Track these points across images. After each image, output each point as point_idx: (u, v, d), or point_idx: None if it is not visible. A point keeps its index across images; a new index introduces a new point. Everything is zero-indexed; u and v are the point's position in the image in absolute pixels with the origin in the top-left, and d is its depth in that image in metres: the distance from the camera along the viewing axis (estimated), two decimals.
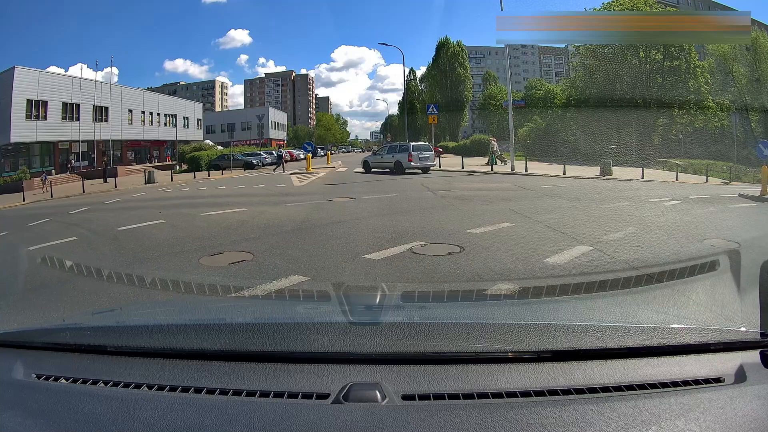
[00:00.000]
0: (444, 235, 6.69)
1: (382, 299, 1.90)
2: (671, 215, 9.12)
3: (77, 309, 4.09)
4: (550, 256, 5.22)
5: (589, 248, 5.64)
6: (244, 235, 7.45)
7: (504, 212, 8.84)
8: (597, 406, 1.05)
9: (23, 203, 20.59)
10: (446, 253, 5.60)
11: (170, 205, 13.00)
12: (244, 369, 1.24)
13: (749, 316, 1.42)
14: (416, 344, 1.32)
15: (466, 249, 5.70)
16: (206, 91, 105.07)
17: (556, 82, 66.06)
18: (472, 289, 4.02)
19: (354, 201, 11.72)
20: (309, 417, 1.03)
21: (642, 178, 20.65)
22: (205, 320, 1.85)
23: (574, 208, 9.77)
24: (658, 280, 3.85)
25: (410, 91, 59.56)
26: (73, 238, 8.31)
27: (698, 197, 13.24)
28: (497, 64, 78.54)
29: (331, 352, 1.31)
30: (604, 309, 2.04)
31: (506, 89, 33.48)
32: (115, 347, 1.40)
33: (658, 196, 12.75)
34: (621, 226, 7.31)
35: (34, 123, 34.19)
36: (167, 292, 3.90)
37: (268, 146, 52.80)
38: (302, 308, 2.17)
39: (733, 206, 11.48)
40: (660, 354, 1.26)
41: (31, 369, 1.30)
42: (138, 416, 1.07)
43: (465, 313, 1.98)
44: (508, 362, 1.24)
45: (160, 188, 21.57)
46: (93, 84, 39.60)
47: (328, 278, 4.68)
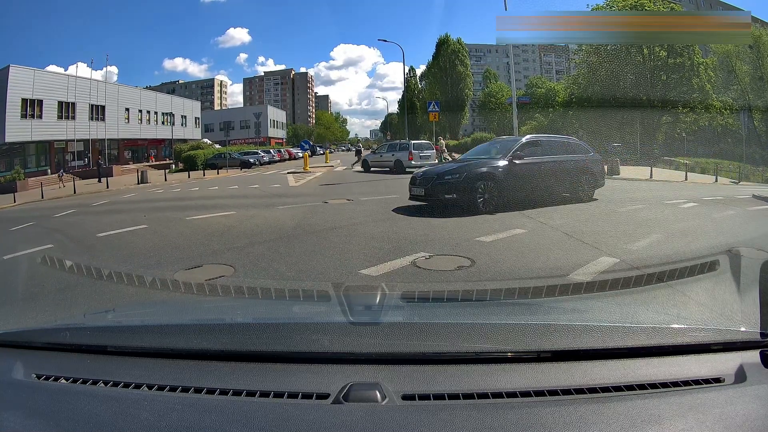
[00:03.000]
0: (450, 245, 6.10)
1: (382, 299, 1.88)
2: (693, 220, 8.61)
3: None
4: (575, 270, 4.69)
5: (615, 260, 5.12)
6: (229, 244, 6.99)
7: (514, 216, 8.29)
8: (597, 406, 1.05)
9: (13, 204, 20.10)
10: (455, 267, 5.03)
11: (157, 208, 12.66)
12: (244, 369, 1.24)
13: (749, 315, 1.42)
14: (416, 344, 1.32)
15: (477, 263, 5.09)
16: (205, 90, 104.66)
17: (557, 80, 65.38)
18: (472, 289, 3.95)
19: (351, 203, 11.21)
20: (309, 417, 1.03)
21: (651, 178, 20.09)
22: (205, 320, 1.85)
23: (588, 211, 9.20)
24: (658, 280, 3.80)
25: (410, 89, 59.07)
26: (49, 245, 7.87)
27: (714, 199, 12.81)
28: (497, 62, 78.07)
29: (331, 352, 1.31)
30: (604, 309, 2.02)
31: (507, 87, 33.03)
32: (115, 347, 1.41)
33: (673, 197, 12.32)
34: (643, 232, 6.80)
35: (29, 122, 33.91)
36: (167, 292, 3.88)
37: (267, 145, 52.25)
38: (302, 308, 2.15)
39: (751, 209, 11.03)
40: (660, 354, 1.25)
41: (31, 369, 1.30)
42: (138, 416, 1.07)
43: (465, 313, 1.98)
44: (508, 362, 1.23)
45: (152, 189, 21.08)
46: (89, 83, 39.15)
47: None
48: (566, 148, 10.53)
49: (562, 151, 10.25)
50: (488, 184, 8.70)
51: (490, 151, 10.31)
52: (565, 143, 10.86)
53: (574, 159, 10.31)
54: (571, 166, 10.07)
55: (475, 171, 8.87)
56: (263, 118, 62.92)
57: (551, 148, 10.15)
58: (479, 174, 8.80)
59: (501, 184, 8.83)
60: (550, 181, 9.51)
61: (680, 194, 13.39)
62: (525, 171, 9.18)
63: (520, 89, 61.53)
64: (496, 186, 8.77)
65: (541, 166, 9.50)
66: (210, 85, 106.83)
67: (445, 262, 5.25)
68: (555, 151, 10.08)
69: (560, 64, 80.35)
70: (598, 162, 11.30)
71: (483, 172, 8.84)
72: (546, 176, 9.46)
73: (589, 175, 10.46)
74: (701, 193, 14.23)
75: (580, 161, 10.40)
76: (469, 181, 8.64)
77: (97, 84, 40.29)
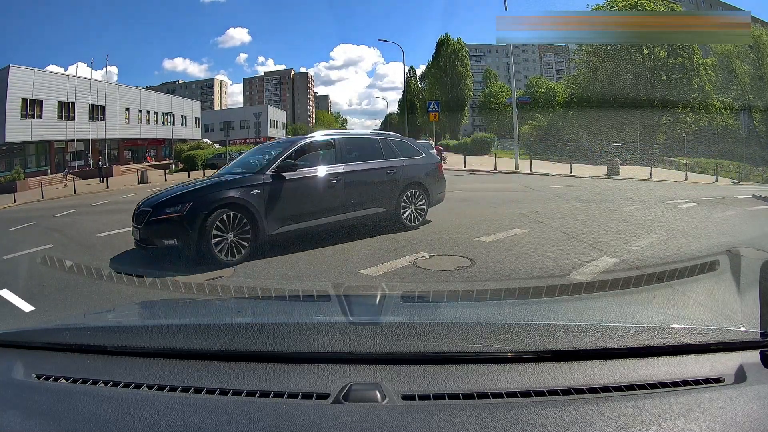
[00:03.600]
0: (450, 245, 6.10)
1: (382, 299, 1.88)
2: (693, 220, 8.60)
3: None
4: (575, 270, 4.73)
5: (615, 260, 5.17)
6: None
7: (514, 216, 8.35)
8: (597, 406, 1.05)
9: (13, 204, 20.11)
10: (455, 267, 5.04)
11: None
12: (244, 369, 1.24)
13: (749, 315, 1.41)
14: (416, 344, 1.32)
15: (477, 263, 5.09)
16: (205, 90, 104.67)
17: (557, 80, 65.38)
18: (472, 289, 3.94)
19: None
20: (309, 417, 1.03)
21: (651, 178, 20.10)
22: (205, 320, 1.84)
23: (589, 211, 9.22)
24: (658, 280, 3.79)
25: (410, 88, 59.17)
26: (49, 245, 7.88)
27: (714, 199, 12.81)
28: (497, 62, 78.09)
29: (331, 352, 1.31)
30: (604, 309, 2.02)
31: (507, 87, 33.04)
32: (115, 347, 1.40)
33: (673, 197, 12.34)
34: (643, 232, 6.83)
35: (29, 122, 33.95)
36: (167, 292, 3.84)
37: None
38: (302, 308, 2.17)
39: (751, 209, 11.04)
40: (660, 354, 1.25)
41: (31, 369, 1.30)
42: (138, 416, 1.07)
43: (465, 313, 1.98)
44: (508, 362, 1.23)
45: (152, 189, 21.00)
46: (89, 83, 39.18)
47: None
48: (376, 151, 7.04)
49: (368, 156, 6.91)
50: (234, 218, 5.49)
51: (254, 162, 6.77)
52: (372, 143, 7.22)
53: (391, 166, 7.01)
54: (384, 178, 6.91)
55: (211, 197, 5.55)
56: (263, 118, 62.95)
57: (349, 152, 6.76)
58: (217, 201, 5.49)
59: (258, 215, 5.62)
60: (345, 202, 6.41)
61: (680, 194, 13.38)
62: (300, 190, 6.08)
63: (520, 89, 61.58)
64: (249, 218, 5.58)
65: (329, 180, 6.31)
66: (210, 85, 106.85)
67: (445, 262, 5.25)
68: (356, 156, 6.78)
69: (560, 64, 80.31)
70: (432, 167, 7.79)
71: (224, 199, 5.53)
72: (337, 196, 6.35)
73: (415, 189, 7.21)
74: (701, 193, 14.23)
75: (400, 169, 7.09)
76: (197, 216, 5.32)
77: (97, 84, 40.35)
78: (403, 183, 7.07)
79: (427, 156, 7.84)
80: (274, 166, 5.98)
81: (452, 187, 14.17)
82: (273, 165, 6.01)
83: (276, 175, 5.92)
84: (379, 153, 7.05)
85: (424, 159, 7.67)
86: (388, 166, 7.00)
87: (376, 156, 6.98)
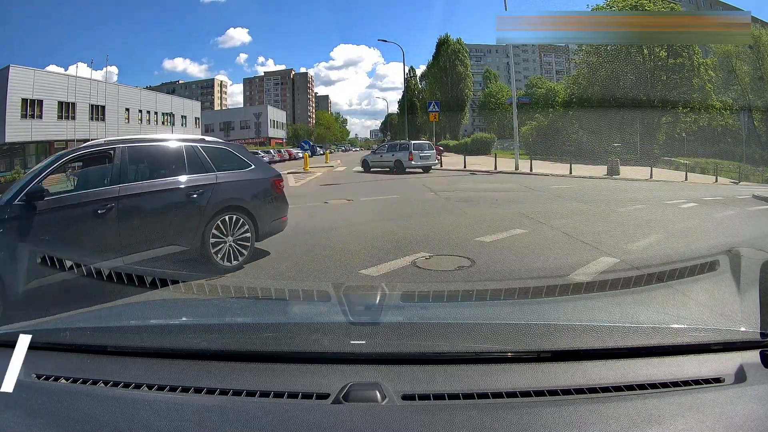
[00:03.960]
0: (450, 245, 6.12)
1: (382, 299, 1.88)
2: (693, 220, 8.61)
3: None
4: (575, 270, 4.75)
5: (615, 260, 5.19)
6: None
7: (515, 217, 8.35)
8: (597, 406, 1.05)
9: None
10: (455, 267, 5.07)
11: None
12: (244, 369, 1.24)
13: (749, 315, 1.41)
14: (416, 344, 1.32)
15: (477, 263, 5.11)
16: (205, 90, 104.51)
17: (557, 80, 65.32)
18: (471, 289, 3.94)
19: (351, 204, 11.24)
20: (309, 417, 1.03)
21: (651, 178, 20.10)
22: (205, 320, 1.84)
23: (589, 211, 9.22)
24: (658, 280, 3.80)
25: (410, 89, 59.17)
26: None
27: (714, 199, 12.83)
28: (497, 62, 77.97)
29: (330, 352, 1.30)
30: (604, 309, 2.02)
31: (507, 87, 33.01)
32: (115, 347, 1.40)
33: (673, 197, 12.36)
34: (643, 233, 6.84)
35: (30, 122, 33.93)
36: (168, 292, 3.88)
37: (267, 145, 52.26)
38: (302, 308, 2.15)
39: (751, 209, 11.04)
40: (660, 354, 1.25)
41: (31, 369, 1.29)
42: (138, 416, 1.07)
43: (465, 313, 1.97)
44: (508, 362, 1.23)
45: None
46: (89, 83, 39.19)
47: None
48: (176, 164, 5.18)
49: (164, 171, 5.15)
50: None
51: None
52: (172, 152, 5.29)
53: (195, 185, 5.11)
54: (183, 200, 5.04)
55: None
56: (263, 119, 62.96)
57: (135, 167, 4.99)
58: None
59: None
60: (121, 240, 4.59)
61: (680, 194, 13.41)
62: (53, 225, 4.38)
63: (520, 89, 61.52)
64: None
65: (94, 209, 4.49)
66: (210, 85, 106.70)
67: (445, 262, 5.28)
68: (144, 173, 5.04)
69: (560, 64, 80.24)
70: (264, 185, 5.87)
71: None
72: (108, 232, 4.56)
73: (235, 214, 5.30)
74: (701, 194, 14.25)
75: (209, 188, 5.17)
76: None
77: (97, 84, 40.34)
78: (213, 208, 5.13)
79: (257, 169, 5.86)
80: (24, 194, 4.22)
81: (452, 188, 14.25)
82: (23, 192, 4.24)
83: (21, 204, 4.18)
84: (181, 167, 5.13)
85: (252, 173, 5.69)
86: (191, 185, 5.06)
87: (175, 171, 5.09)
